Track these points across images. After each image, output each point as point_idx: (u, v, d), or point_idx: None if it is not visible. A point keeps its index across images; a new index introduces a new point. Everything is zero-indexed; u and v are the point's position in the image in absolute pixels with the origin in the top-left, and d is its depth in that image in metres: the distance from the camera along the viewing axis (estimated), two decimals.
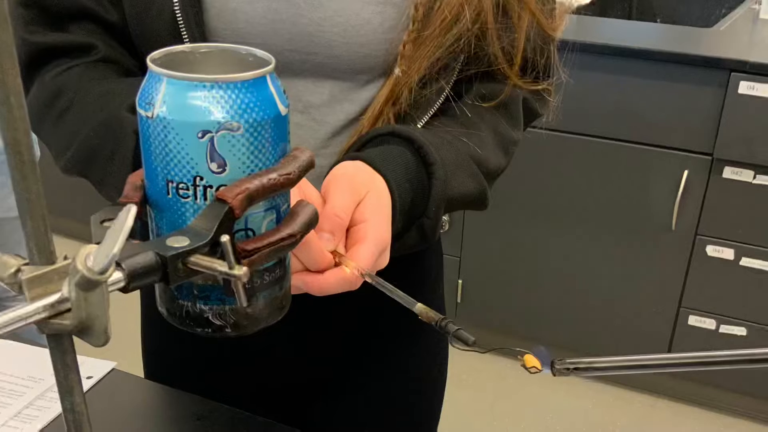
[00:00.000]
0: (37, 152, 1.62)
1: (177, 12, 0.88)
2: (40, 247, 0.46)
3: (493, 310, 3.11)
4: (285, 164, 0.60)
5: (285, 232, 0.60)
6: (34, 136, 0.98)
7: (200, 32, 0.89)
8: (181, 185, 0.58)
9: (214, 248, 0.55)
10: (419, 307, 0.69)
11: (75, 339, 0.49)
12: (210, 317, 0.62)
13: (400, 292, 0.70)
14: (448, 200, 0.88)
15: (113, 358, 1.10)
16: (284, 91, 0.62)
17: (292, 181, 0.60)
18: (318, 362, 1.11)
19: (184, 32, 0.88)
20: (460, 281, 3.10)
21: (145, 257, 0.52)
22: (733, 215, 2.62)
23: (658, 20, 3.21)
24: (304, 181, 0.68)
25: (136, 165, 0.70)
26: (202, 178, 0.58)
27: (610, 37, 2.68)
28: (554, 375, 0.62)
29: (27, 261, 0.47)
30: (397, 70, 0.92)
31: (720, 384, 2.88)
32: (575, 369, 0.60)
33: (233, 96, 0.57)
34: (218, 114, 0.57)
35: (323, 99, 0.95)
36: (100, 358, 1.10)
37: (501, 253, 3.01)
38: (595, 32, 2.83)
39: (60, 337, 0.48)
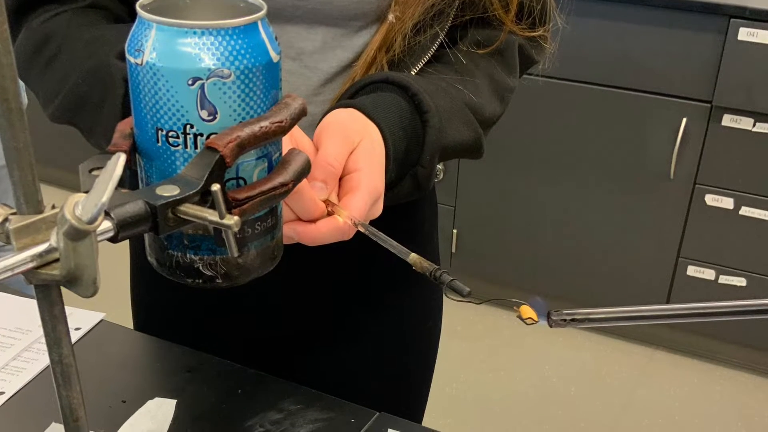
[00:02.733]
0: (25, 100, 1.61)
1: None
2: (27, 196, 0.46)
3: (488, 260, 3.11)
4: (276, 112, 0.60)
5: (277, 180, 0.59)
6: (21, 84, 0.97)
7: None
8: (171, 133, 0.58)
9: (204, 197, 0.55)
10: (413, 258, 0.68)
11: (63, 290, 0.49)
12: (200, 267, 0.61)
13: (394, 242, 0.70)
14: (442, 148, 0.87)
15: (102, 309, 1.10)
16: (276, 38, 0.61)
17: (283, 129, 0.59)
18: (310, 313, 1.11)
19: None
20: (454, 231, 3.10)
21: (135, 206, 0.52)
22: (733, 164, 2.62)
23: None
24: (296, 129, 0.68)
25: (126, 113, 0.70)
26: (192, 126, 0.58)
27: None
28: (551, 326, 0.61)
29: (14, 210, 0.46)
30: (390, 16, 0.91)
31: (719, 335, 2.90)
32: (572, 320, 0.60)
33: (224, 42, 0.57)
34: (209, 61, 0.56)
35: (316, 46, 0.94)
36: (89, 309, 1.09)
37: (497, 202, 3.01)
38: None
39: (48, 288, 0.48)
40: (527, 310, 0.62)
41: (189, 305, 1.13)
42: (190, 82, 0.56)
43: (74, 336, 1.04)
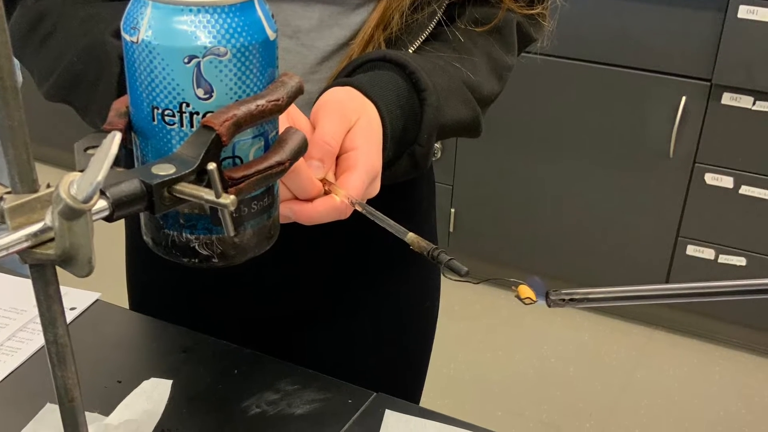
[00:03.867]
0: (19, 78, 1.60)
1: None
2: (22, 175, 0.46)
3: (486, 239, 3.11)
4: (273, 90, 0.59)
5: (273, 159, 0.59)
6: (16, 62, 0.96)
7: None
8: (166, 112, 0.58)
9: (200, 176, 0.54)
10: (410, 237, 0.68)
11: (58, 269, 0.48)
12: (196, 247, 0.61)
13: (391, 221, 0.70)
14: (440, 127, 0.87)
15: (97, 289, 1.09)
16: (272, 16, 0.61)
17: (280, 108, 0.59)
18: (307, 293, 1.11)
19: None
20: (452, 210, 3.09)
21: (130, 185, 0.51)
22: (732, 142, 2.61)
23: None
24: (292, 107, 0.67)
25: (121, 91, 0.69)
26: (188, 105, 0.57)
27: None
28: (549, 306, 0.61)
29: (9, 189, 0.46)
30: None
31: (718, 315, 2.90)
32: (571, 300, 0.60)
33: (220, 20, 0.56)
34: (205, 39, 0.56)
35: (312, 23, 0.93)
36: (84, 288, 1.09)
37: (495, 181, 3.00)
38: None
39: (43, 268, 0.48)
40: (525, 290, 0.62)
41: (185, 285, 1.13)
42: (186, 60, 0.56)
43: (69, 316, 1.04)
